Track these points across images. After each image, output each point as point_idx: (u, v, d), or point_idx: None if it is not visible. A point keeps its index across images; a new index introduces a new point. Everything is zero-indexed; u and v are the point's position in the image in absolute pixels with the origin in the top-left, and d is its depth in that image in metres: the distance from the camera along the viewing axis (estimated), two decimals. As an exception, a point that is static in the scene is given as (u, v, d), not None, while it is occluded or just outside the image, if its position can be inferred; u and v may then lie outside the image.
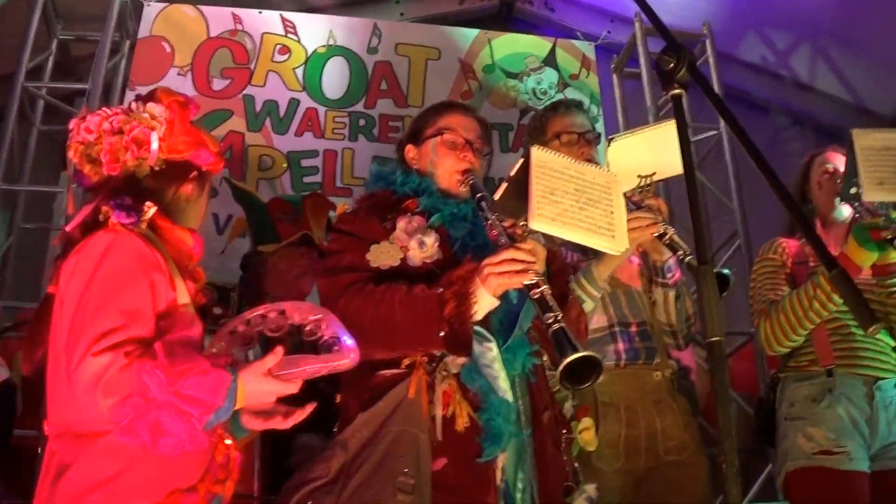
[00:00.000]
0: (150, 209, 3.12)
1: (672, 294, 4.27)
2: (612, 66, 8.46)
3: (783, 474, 4.26)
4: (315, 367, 3.04)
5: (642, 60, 7.91)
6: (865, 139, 4.06)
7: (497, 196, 3.39)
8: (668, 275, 4.23)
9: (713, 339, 2.25)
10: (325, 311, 3.19)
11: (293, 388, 3.06)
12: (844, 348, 4.28)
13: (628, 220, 3.70)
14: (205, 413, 2.86)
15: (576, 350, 2.98)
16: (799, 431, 4.21)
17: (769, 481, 6.96)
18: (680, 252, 3.83)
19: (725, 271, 3.72)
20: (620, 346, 4.28)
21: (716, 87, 7.88)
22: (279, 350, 2.96)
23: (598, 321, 4.30)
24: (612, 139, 4.16)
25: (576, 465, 3.71)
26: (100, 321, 2.87)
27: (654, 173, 4.04)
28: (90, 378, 2.78)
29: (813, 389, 4.27)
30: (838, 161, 4.60)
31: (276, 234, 4.96)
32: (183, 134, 3.29)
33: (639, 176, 4.00)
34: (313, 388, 3.21)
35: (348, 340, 3.11)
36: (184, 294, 3.13)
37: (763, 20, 8.58)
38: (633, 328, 4.32)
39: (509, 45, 8.18)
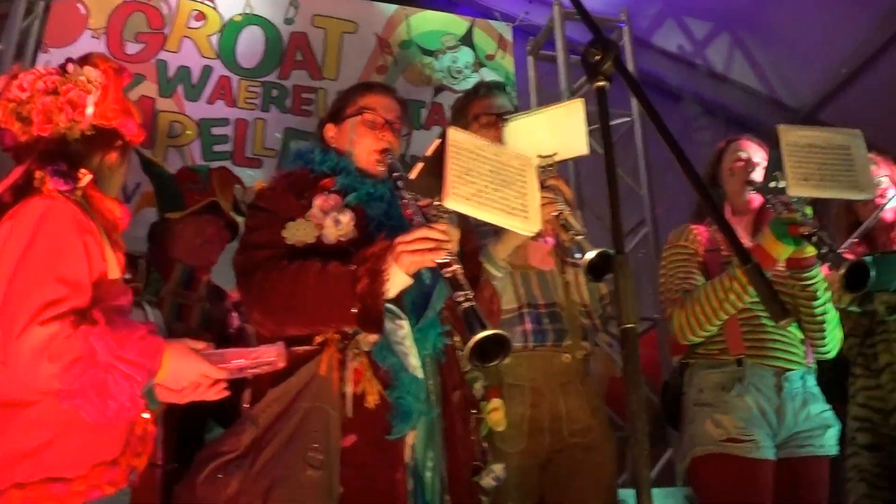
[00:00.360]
0: (86, 176, 3.10)
1: (582, 273, 4.24)
2: (529, 48, 8.47)
3: (689, 459, 4.29)
4: (240, 362, 3.07)
5: (559, 44, 7.95)
6: (791, 135, 4.10)
7: (413, 175, 3.41)
8: (578, 255, 4.23)
9: (628, 325, 2.33)
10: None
11: (220, 373, 3.11)
12: (754, 339, 4.33)
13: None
14: (145, 377, 2.90)
15: (485, 328, 3.00)
16: (708, 417, 4.24)
17: (668, 466, 7.04)
18: (572, 232, 3.84)
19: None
20: (528, 327, 4.31)
21: (631, 71, 7.92)
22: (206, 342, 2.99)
23: (507, 302, 4.32)
24: (507, 119, 4.15)
25: (484, 445, 3.75)
26: (42, 291, 2.86)
27: (555, 154, 4.02)
28: (36, 346, 2.78)
29: (723, 377, 4.31)
30: (752, 150, 4.66)
31: (184, 203, 4.92)
32: (114, 102, 3.27)
33: (539, 156, 3.98)
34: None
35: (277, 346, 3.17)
36: (114, 264, 3.11)
37: (682, 9, 8.67)
38: (543, 309, 4.35)
39: (427, 22, 8.16)
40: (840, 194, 4.23)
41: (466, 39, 8.16)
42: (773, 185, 4.18)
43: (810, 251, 4.15)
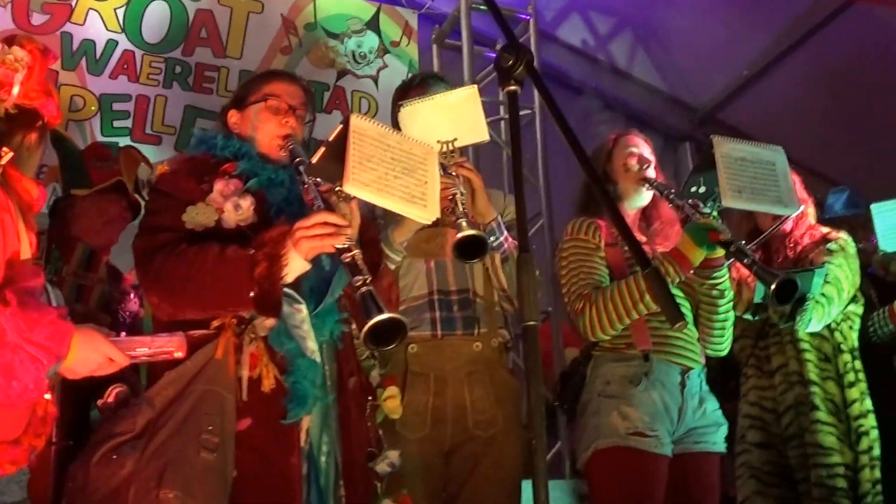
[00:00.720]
0: (7, 154, 3.08)
1: (498, 257, 4.31)
2: (434, 36, 8.45)
3: (591, 451, 4.29)
4: (143, 350, 3.08)
5: (464, 34, 7.95)
6: (725, 147, 4.19)
7: (315, 159, 3.42)
8: (492, 238, 4.25)
9: (529, 322, 2.39)
10: None
11: (123, 358, 3.11)
12: (660, 335, 4.38)
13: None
14: (52, 361, 2.90)
15: (381, 312, 3.06)
16: (615, 410, 4.25)
17: (557, 458, 7.11)
18: (458, 214, 3.89)
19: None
20: (437, 314, 4.33)
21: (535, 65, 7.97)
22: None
23: (418, 289, 4.36)
24: (402, 104, 4.17)
25: (380, 431, 3.78)
26: None
27: (455, 139, 4.05)
28: None
29: (629, 371, 4.34)
30: (642, 146, 4.73)
31: (90, 179, 4.89)
32: (38, 83, 3.25)
33: (439, 142, 4.02)
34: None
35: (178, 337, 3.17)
36: (27, 244, 3.10)
37: (588, 4, 8.73)
38: (454, 296, 4.37)
39: (334, 5, 8.09)
40: (769, 208, 4.36)
41: (372, 24, 8.12)
42: (693, 189, 4.27)
43: (720, 252, 4.22)
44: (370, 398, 3.80)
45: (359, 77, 7.79)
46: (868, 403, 4.98)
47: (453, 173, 4.04)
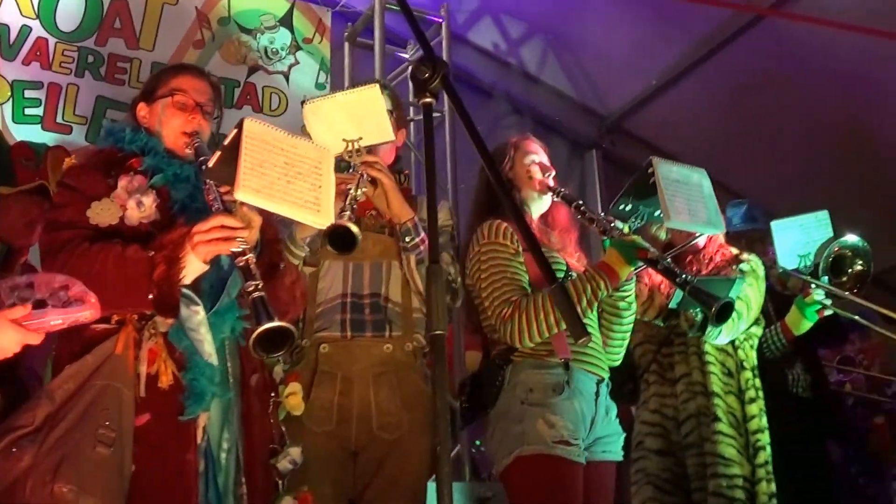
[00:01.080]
0: None
1: (413, 259, 4.34)
2: (346, 34, 8.45)
3: (514, 457, 4.24)
4: (58, 319, 3.08)
5: (377, 33, 7.97)
6: (664, 168, 4.27)
7: (211, 163, 3.43)
8: (408, 238, 4.31)
9: (437, 332, 2.42)
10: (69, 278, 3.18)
11: (36, 338, 3.08)
12: (579, 345, 4.38)
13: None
14: None
15: (271, 319, 3.11)
16: (540, 417, 4.22)
17: (457, 461, 7.15)
18: (346, 208, 3.93)
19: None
20: (347, 316, 4.32)
21: (445, 68, 8.03)
22: (28, 305, 2.98)
23: (332, 290, 4.37)
24: (305, 101, 4.20)
25: (283, 428, 3.82)
26: None
27: (360, 137, 4.09)
28: None
29: (552, 379, 4.33)
30: (540, 152, 4.77)
31: (15, 178, 4.87)
32: None
33: (344, 140, 4.06)
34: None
35: (92, 298, 3.12)
36: None
37: (500, 8, 8.79)
38: (366, 300, 4.36)
39: (248, 0, 8.09)
40: (702, 229, 4.47)
41: (286, 21, 8.09)
42: (622, 207, 4.35)
43: (636, 266, 4.30)
44: (273, 395, 3.83)
45: (270, 73, 7.78)
46: (765, 421, 5.07)
47: (360, 172, 4.09)
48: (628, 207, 4.28)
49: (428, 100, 2.65)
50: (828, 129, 9.47)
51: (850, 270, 5.81)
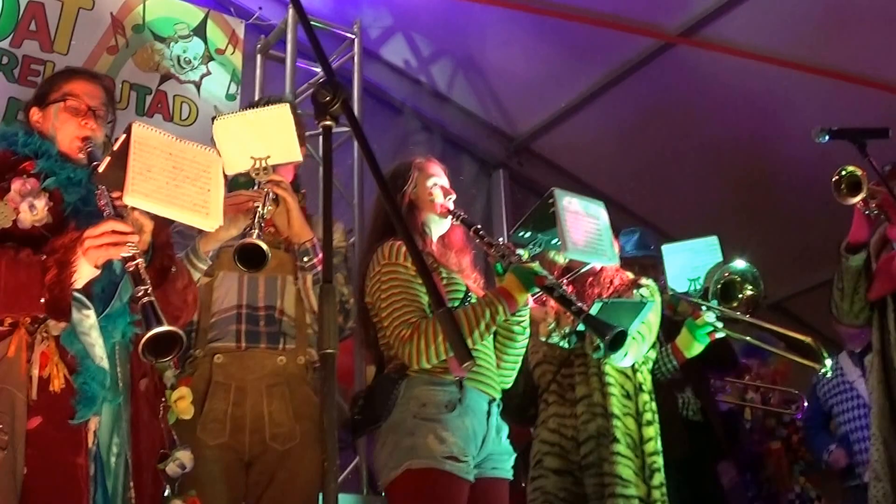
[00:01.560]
0: None
1: (310, 278, 4.41)
2: (259, 46, 8.46)
3: (403, 469, 4.27)
4: None
5: (289, 47, 8.00)
6: (563, 199, 4.37)
7: (101, 168, 3.50)
8: (306, 258, 4.39)
9: (327, 350, 2.46)
10: None
11: None
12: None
13: (231, 196, 4.04)
14: None
15: (160, 324, 3.16)
16: (431, 432, 4.26)
17: (355, 473, 7.19)
18: (254, 227, 4.01)
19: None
20: (242, 327, 4.38)
21: (356, 84, 8.10)
22: None
23: (228, 301, 4.42)
24: (216, 117, 4.25)
25: (173, 433, 3.85)
26: None
27: (268, 156, 4.16)
28: None
29: (445, 396, 4.37)
30: (441, 175, 4.84)
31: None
32: None
33: (252, 157, 4.14)
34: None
35: None
36: None
37: (412, 26, 8.82)
38: (261, 312, 4.43)
39: (164, 8, 7.99)
40: (595, 260, 4.66)
41: (199, 31, 8.05)
42: (521, 234, 4.44)
43: (533, 292, 4.39)
44: (162, 399, 3.87)
45: (182, 82, 7.77)
46: (660, 443, 5.14)
47: (265, 190, 4.16)
48: (528, 235, 4.36)
49: (328, 122, 2.68)
50: (730, 158, 9.63)
51: (740, 296, 5.90)
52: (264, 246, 3.85)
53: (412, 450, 4.27)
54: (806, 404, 8.42)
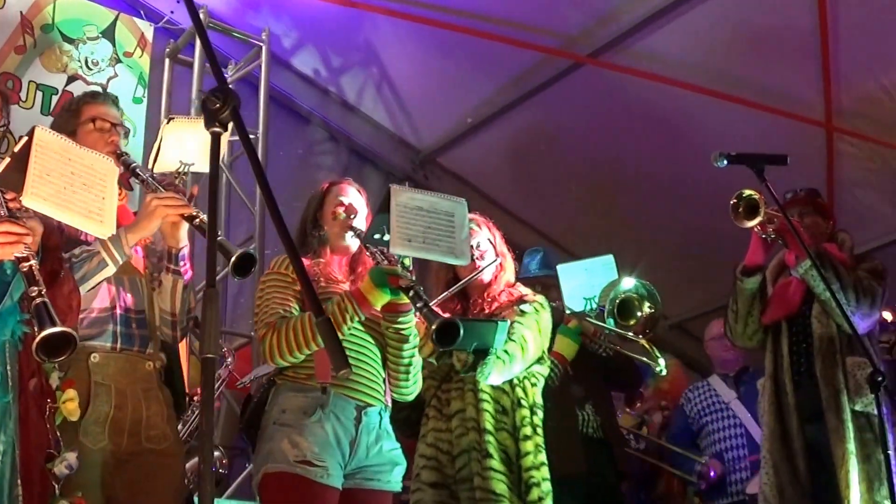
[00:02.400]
0: None
1: (181, 283, 4.43)
2: (168, 50, 8.46)
3: (261, 474, 4.36)
4: None
5: (197, 51, 8.04)
6: (402, 196, 4.36)
7: None
8: (182, 263, 4.41)
9: (209, 355, 2.49)
10: None
11: None
12: None
13: (160, 198, 4.04)
14: None
15: (54, 324, 3.19)
16: (286, 437, 4.32)
17: (248, 479, 7.20)
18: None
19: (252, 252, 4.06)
20: (118, 328, 4.37)
21: (263, 91, 8.13)
22: None
23: (101, 301, 4.39)
24: (171, 118, 4.33)
25: (58, 433, 3.84)
26: None
27: (193, 164, 4.21)
28: None
29: (306, 402, 4.42)
30: (353, 195, 4.88)
31: None
32: None
33: (181, 161, 4.18)
34: None
35: None
36: None
37: (323, 38, 8.85)
38: (133, 314, 4.43)
39: (73, 9, 7.98)
40: (438, 257, 4.56)
41: (108, 33, 8.04)
42: (377, 236, 4.46)
43: (405, 300, 4.40)
44: (49, 400, 3.84)
45: (89, 84, 7.74)
46: (542, 457, 5.14)
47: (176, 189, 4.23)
48: (386, 237, 4.40)
49: (216, 129, 2.66)
50: (633, 178, 9.74)
51: (638, 314, 6.00)
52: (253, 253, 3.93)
53: (268, 455, 4.35)
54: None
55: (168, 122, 4.29)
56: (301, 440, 4.31)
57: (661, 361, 5.97)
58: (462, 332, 4.29)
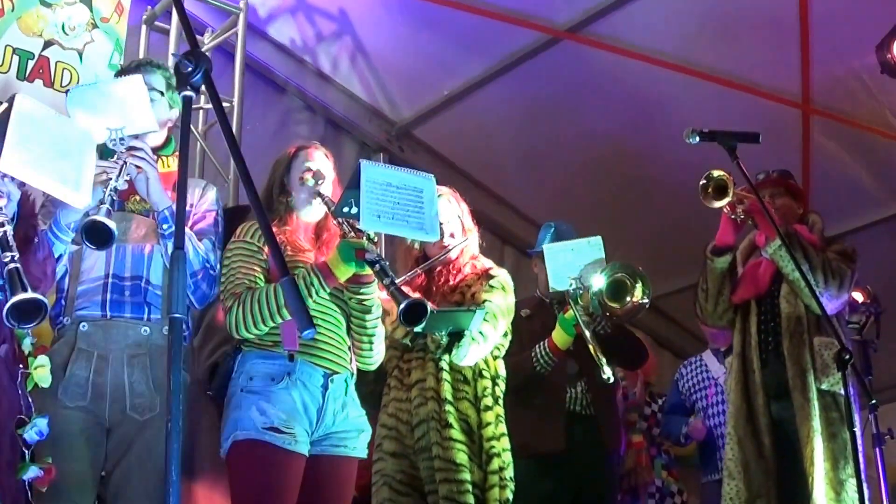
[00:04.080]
0: None
1: (171, 245, 4.36)
2: (145, 17, 8.38)
3: (230, 441, 4.39)
4: None
5: (174, 19, 8.02)
6: (371, 171, 4.39)
7: None
8: (165, 226, 4.38)
9: (175, 315, 2.52)
10: None
11: None
12: (308, 339, 4.45)
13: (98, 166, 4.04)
14: None
15: (25, 290, 3.24)
16: (253, 405, 4.36)
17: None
18: (103, 200, 3.99)
19: None
20: (108, 297, 4.41)
21: (239, 60, 8.09)
22: None
23: (95, 271, 4.44)
24: (69, 88, 4.32)
25: (30, 399, 3.88)
26: None
27: (124, 126, 4.19)
28: None
29: (273, 369, 4.45)
30: (320, 160, 4.90)
31: None
32: None
33: (108, 128, 4.15)
34: None
35: None
36: None
37: (300, 7, 8.82)
38: (127, 282, 4.44)
39: None
40: (408, 234, 4.60)
41: (87, -3, 8.05)
42: (346, 209, 4.47)
43: (369, 271, 4.43)
44: (21, 366, 3.87)
45: (65, 49, 7.67)
46: (502, 428, 5.23)
47: (125, 160, 4.19)
48: (354, 210, 4.40)
49: (188, 93, 2.73)
50: (609, 155, 9.79)
51: (628, 298, 6.02)
52: (109, 222, 3.81)
53: (236, 422, 4.39)
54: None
55: (67, 94, 4.25)
56: (269, 407, 4.35)
57: (607, 369, 5.87)
58: (431, 314, 4.38)
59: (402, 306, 4.20)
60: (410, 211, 4.41)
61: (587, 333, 5.92)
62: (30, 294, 3.22)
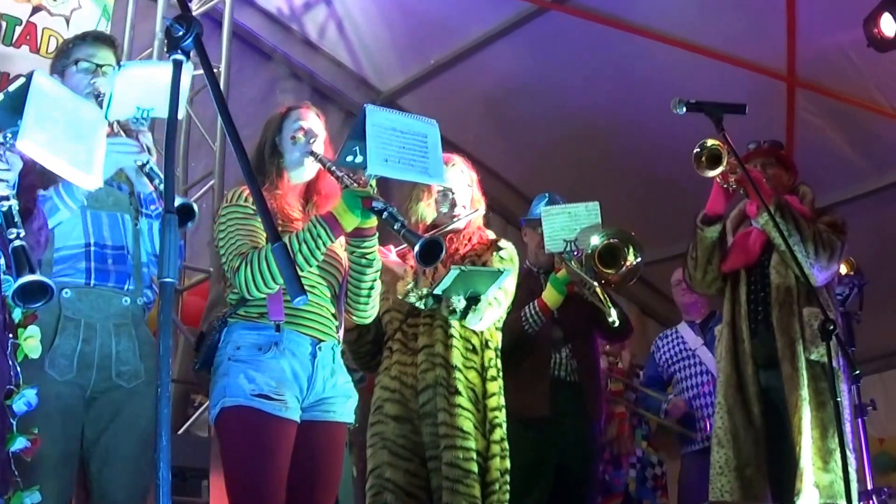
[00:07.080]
0: None
1: (156, 225, 4.43)
2: (133, -17, 8.39)
3: (218, 408, 4.37)
4: None
5: (163, -14, 8.01)
6: (377, 116, 4.29)
7: None
8: (151, 206, 4.42)
9: (166, 279, 2.49)
10: None
11: None
12: (294, 308, 4.44)
13: (112, 144, 3.98)
14: None
15: (31, 270, 3.22)
16: (241, 373, 4.33)
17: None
18: (156, 181, 4.11)
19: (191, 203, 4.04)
20: (92, 265, 4.38)
21: (226, 27, 8.07)
22: None
23: (76, 238, 4.40)
24: (123, 65, 4.29)
25: (18, 369, 3.81)
26: None
27: (153, 108, 4.19)
28: None
29: (260, 339, 4.42)
30: (312, 120, 4.80)
31: None
32: None
33: (137, 107, 4.15)
34: None
35: None
36: None
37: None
38: (109, 251, 4.43)
39: None
40: (414, 178, 4.55)
41: (74, -38, 8.00)
42: (350, 159, 4.45)
43: (371, 223, 4.40)
44: (11, 336, 3.83)
45: (53, 15, 7.66)
46: (502, 400, 5.26)
47: (140, 141, 4.22)
48: (358, 159, 4.37)
49: (179, 57, 2.69)
50: (597, 125, 9.83)
51: (622, 262, 6.07)
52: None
53: (224, 389, 4.36)
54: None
55: (119, 69, 4.24)
56: (257, 375, 4.33)
57: (614, 312, 5.98)
58: (461, 272, 4.57)
59: (418, 246, 4.13)
60: (416, 155, 4.36)
61: (588, 281, 5.99)
62: (37, 276, 3.20)
